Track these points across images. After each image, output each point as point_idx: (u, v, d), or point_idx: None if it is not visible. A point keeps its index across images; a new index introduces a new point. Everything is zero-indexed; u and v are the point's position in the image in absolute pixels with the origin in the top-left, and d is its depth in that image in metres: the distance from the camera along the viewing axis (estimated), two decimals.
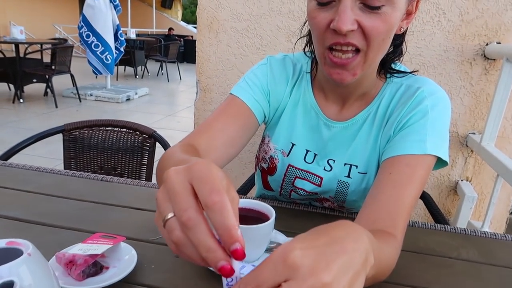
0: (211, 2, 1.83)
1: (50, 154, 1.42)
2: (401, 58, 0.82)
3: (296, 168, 0.87)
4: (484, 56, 1.62)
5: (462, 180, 1.74)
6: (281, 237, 0.73)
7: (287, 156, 0.87)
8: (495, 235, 0.87)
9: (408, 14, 0.71)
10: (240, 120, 0.80)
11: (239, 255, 0.34)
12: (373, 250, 0.41)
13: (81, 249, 0.63)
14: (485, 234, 0.87)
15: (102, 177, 1.03)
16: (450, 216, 1.78)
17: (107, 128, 1.54)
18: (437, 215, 1.27)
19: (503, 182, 1.42)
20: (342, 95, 0.82)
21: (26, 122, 4.63)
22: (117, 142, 1.53)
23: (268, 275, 0.34)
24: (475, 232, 0.87)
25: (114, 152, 1.53)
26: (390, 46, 0.75)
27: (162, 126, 4.99)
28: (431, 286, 0.67)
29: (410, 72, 0.81)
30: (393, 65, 0.81)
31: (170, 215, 0.36)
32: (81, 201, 0.90)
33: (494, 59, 1.61)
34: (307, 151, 0.86)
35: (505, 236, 0.87)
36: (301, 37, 0.83)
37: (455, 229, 0.88)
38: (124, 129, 1.54)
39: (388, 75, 0.81)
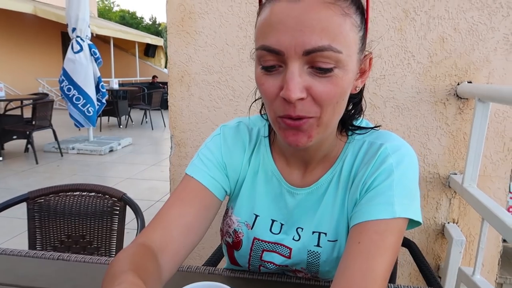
0: (181, 56, 1.81)
1: (24, 214, 1.35)
2: (362, 115, 0.78)
3: (262, 241, 0.80)
4: (457, 95, 1.61)
5: (448, 223, 1.69)
6: None
7: (251, 228, 0.80)
8: None
9: (362, 72, 0.68)
10: (197, 203, 0.73)
11: None
12: None
13: None
14: None
15: (59, 256, 0.95)
16: (441, 261, 1.71)
17: (74, 193, 1.47)
18: (423, 267, 1.20)
19: (490, 225, 1.37)
20: (303, 159, 0.76)
21: (4, 182, 4.50)
22: (85, 208, 1.45)
23: None
24: None
25: (82, 218, 1.44)
26: (348, 104, 0.71)
27: (145, 177, 4.90)
28: None
29: (372, 128, 0.77)
30: (354, 122, 0.76)
31: None
32: None
33: (467, 98, 1.60)
34: (273, 221, 0.80)
35: None
36: (255, 100, 0.79)
37: None
38: (93, 193, 1.47)
39: (350, 133, 0.77)
